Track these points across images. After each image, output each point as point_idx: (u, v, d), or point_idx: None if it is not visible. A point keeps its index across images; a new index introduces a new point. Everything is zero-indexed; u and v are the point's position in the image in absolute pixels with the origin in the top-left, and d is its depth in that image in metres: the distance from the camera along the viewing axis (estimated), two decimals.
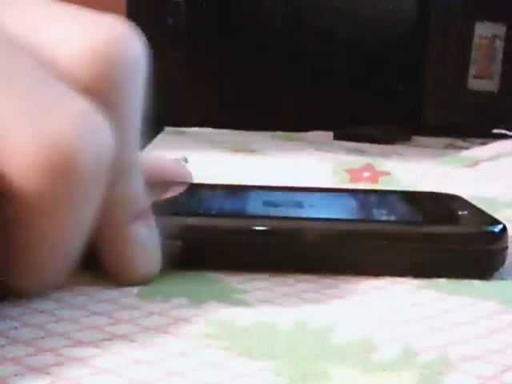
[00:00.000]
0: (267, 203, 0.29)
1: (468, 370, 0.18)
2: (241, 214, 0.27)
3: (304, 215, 0.28)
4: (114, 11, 0.21)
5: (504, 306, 0.23)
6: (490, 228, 0.26)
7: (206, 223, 0.26)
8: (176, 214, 0.27)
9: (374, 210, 0.29)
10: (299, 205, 0.29)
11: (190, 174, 0.31)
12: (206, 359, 0.18)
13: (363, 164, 0.49)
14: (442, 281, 0.25)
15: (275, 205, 0.29)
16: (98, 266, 0.24)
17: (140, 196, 0.23)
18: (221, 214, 0.27)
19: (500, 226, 0.26)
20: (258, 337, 0.20)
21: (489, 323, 0.21)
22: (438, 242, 0.26)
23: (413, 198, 0.31)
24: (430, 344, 0.20)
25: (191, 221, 0.26)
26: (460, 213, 0.29)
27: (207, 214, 0.27)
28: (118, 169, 0.21)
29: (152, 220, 0.24)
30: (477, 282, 0.25)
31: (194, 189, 0.29)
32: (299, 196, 0.31)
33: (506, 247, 0.26)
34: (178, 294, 0.23)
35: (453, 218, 0.28)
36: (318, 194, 0.32)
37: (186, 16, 0.82)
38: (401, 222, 0.27)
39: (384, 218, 0.28)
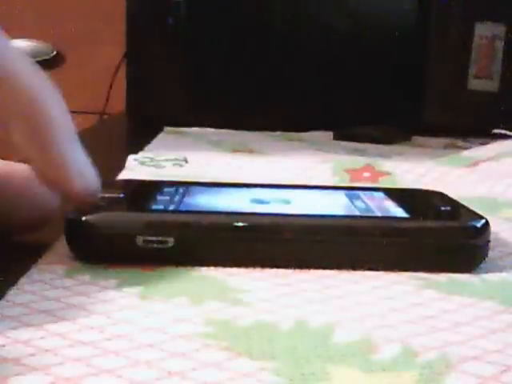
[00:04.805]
0: (254, 201, 0.30)
1: (468, 370, 0.18)
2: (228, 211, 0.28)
3: (289, 212, 0.28)
4: (114, 11, 0.21)
5: (504, 306, 0.23)
6: (473, 223, 0.27)
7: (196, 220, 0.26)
8: (166, 211, 0.27)
9: (359, 206, 0.29)
10: (286, 202, 0.30)
11: (57, 200, 0.29)
12: (206, 359, 0.18)
13: (363, 164, 0.49)
14: (442, 281, 0.25)
15: (262, 202, 0.30)
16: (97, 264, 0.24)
17: None
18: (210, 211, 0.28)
19: (482, 221, 0.27)
20: (258, 337, 0.20)
21: (489, 323, 0.21)
22: (422, 236, 0.26)
23: (397, 195, 0.31)
24: (430, 344, 0.20)
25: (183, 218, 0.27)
26: (443, 208, 0.29)
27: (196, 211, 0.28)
28: None
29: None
30: (477, 282, 0.25)
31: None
32: (286, 193, 0.31)
33: (488, 241, 0.27)
34: (178, 294, 0.23)
35: (436, 213, 0.28)
36: (306, 191, 0.33)
37: (186, 16, 0.82)
38: (385, 217, 0.28)
39: (369, 213, 0.28)
